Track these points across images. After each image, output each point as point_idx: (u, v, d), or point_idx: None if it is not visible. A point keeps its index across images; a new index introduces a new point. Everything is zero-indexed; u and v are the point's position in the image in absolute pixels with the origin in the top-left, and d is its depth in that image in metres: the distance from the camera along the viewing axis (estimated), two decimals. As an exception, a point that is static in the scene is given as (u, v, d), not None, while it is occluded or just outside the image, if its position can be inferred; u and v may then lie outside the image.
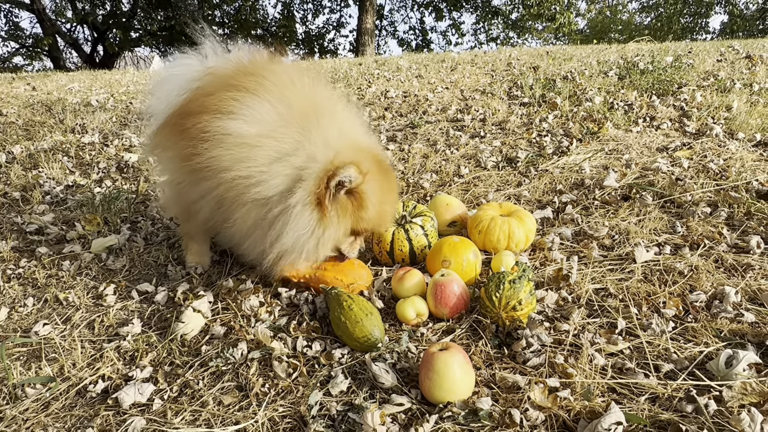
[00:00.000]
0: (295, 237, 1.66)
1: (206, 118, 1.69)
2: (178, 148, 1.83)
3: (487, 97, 4.45)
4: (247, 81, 1.74)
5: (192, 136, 1.73)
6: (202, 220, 1.93)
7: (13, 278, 2.21)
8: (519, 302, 1.58)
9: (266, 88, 1.73)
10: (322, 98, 1.85)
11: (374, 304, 1.76)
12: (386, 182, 1.80)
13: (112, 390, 1.52)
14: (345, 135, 1.75)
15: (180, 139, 1.80)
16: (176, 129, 1.84)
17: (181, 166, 1.84)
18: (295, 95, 1.76)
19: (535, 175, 2.81)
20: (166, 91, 1.95)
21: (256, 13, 21.73)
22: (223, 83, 1.77)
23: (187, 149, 1.75)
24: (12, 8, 19.35)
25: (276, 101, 1.71)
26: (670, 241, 2.07)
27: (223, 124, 1.66)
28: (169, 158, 1.96)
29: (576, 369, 1.41)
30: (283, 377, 1.50)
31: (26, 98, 5.79)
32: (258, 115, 1.68)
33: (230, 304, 1.86)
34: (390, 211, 1.86)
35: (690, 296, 1.71)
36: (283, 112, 1.69)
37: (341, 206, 1.69)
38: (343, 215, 1.71)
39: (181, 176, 1.89)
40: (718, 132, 3.10)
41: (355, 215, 1.73)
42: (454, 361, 1.35)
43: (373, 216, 1.75)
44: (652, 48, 6.27)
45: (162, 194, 2.73)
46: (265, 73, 1.78)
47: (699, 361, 1.43)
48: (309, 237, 1.68)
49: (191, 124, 1.74)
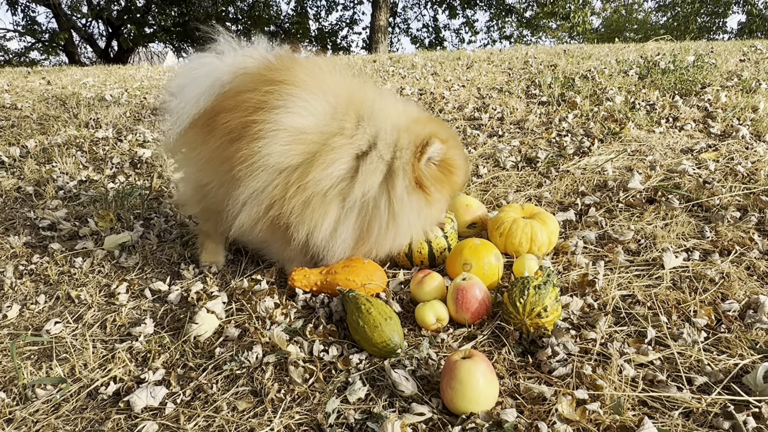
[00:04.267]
0: (407, 224, 1.75)
1: (246, 114, 1.67)
2: (207, 148, 1.80)
3: (504, 95, 4.38)
4: (286, 75, 1.71)
5: (227, 134, 1.70)
6: (229, 221, 1.85)
7: (25, 274, 2.18)
8: (544, 309, 1.52)
9: (306, 81, 1.71)
10: (358, 85, 1.87)
11: (392, 308, 1.70)
12: (458, 142, 1.88)
13: (123, 392, 1.48)
14: (401, 113, 1.80)
15: (210, 138, 1.77)
16: (206, 128, 1.80)
17: (211, 167, 1.81)
18: (335, 85, 1.77)
19: (555, 175, 2.74)
20: (191, 91, 1.89)
21: (270, 10, 21.69)
22: (259, 80, 1.74)
23: (220, 149, 1.72)
24: (29, 3, 19.49)
25: (321, 92, 1.71)
26: (698, 246, 1.99)
27: (275, 119, 1.64)
28: (194, 158, 1.92)
29: (605, 380, 1.35)
30: (299, 382, 1.45)
31: (41, 92, 5.79)
32: (309, 106, 1.67)
33: (245, 305, 1.81)
34: (469, 169, 1.93)
35: (722, 305, 1.64)
36: (333, 101, 1.71)
37: (437, 180, 1.76)
38: (442, 187, 1.78)
39: (209, 176, 1.86)
40: (745, 134, 3.01)
41: (450, 183, 1.80)
42: (478, 370, 1.29)
43: (464, 178, 1.86)
44: (673, 47, 6.16)
45: (178, 191, 2.69)
46: (298, 67, 1.77)
47: (734, 374, 1.36)
48: (419, 219, 1.78)
49: (225, 121, 1.71)
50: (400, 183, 1.70)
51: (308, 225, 1.70)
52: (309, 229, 1.72)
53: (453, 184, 1.82)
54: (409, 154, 1.70)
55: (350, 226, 1.75)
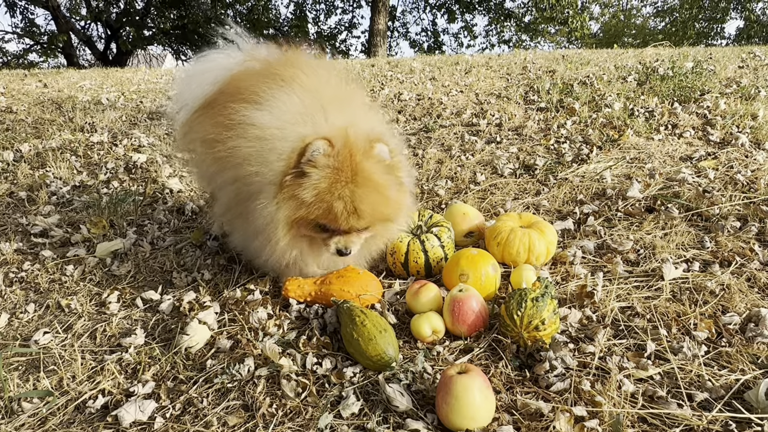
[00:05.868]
0: (257, 216, 1.60)
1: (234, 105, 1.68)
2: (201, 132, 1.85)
3: (502, 101, 4.36)
4: (283, 71, 1.73)
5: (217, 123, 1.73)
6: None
7: (15, 282, 2.15)
8: (542, 322, 1.49)
9: (294, 79, 1.71)
10: (343, 90, 1.85)
11: (387, 319, 1.67)
12: (359, 175, 1.54)
13: (112, 406, 1.44)
14: (349, 119, 1.63)
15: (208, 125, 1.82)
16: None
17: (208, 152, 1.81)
18: (320, 86, 1.74)
19: (554, 183, 2.72)
20: (199, 80, 1.94)
21: (269, 13, 21.67)
22: (258, 72, 1.78)
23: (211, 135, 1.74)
24: (28, 5, 19.44)
25: (301, 91, 1.68)
26: (698, 257, 1.97)
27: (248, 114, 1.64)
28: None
29: (604, 396, 1.32)
30: (291, 396, 1.41)
31: (37, 95, 5.76)
32: (283, 106, 1.64)
33: (237, 316, 1.78)
34: (341, 207, 1.54)
35: (723, 318, 1.61)
36: (308, 102, 1.66)
37: (300, 186, 1.53)
38: (290, 196, 1.55)
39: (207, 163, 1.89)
40: (744, 141, 2.99)
41: (298, 197, 1.55)
42: (474, 386, 1.26)
43: (312, 201, 1.53)
44: (671, 53, 6.15)
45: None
46: (296, 66, 1.78)
47: (736, 390, 1.33)
48: (263, 215, 1.59)
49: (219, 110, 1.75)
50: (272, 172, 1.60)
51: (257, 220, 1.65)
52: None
53: (299, 201, 1.58)
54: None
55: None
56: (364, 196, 1.55)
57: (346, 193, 1.53)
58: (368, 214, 1.58)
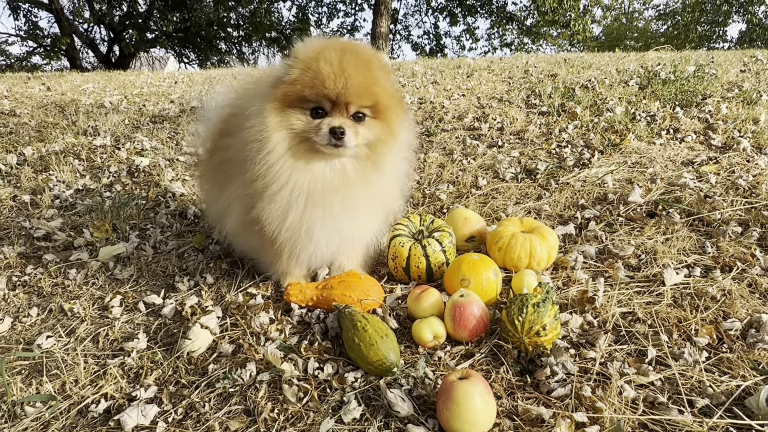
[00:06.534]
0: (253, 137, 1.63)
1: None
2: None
3: (504, 105, 4.36)
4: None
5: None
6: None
7: (18, 286, 2.16)
8: (543, 327, 1.49)
9: None
10: None
11: (389, 324, 1.68)
12: (348, 51, 1.59)
13: (114, 410, 1.45)
14: None
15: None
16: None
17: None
18: None
19: (555, 188, 2.72)
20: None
21: (271, 16, 21.71)
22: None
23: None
24: (32, 8, 19.53)
25: None
26: (699, 262, 1.97)
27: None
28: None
29: (604, 402, 1.32)
30: (293, 401, 1.42)
31: (40, 98, 5.79)
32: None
33: (239, 321, 1.78)
34: (329, 69, 1.54)
35: (724, 323, 1.61)
36: None
37: (286, 76, 1.59)
38: (277, 93, 1.60)
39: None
40: (746, 146, 2.99)
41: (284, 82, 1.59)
42: (475, 391, 1.27)
43: (298, 77, 1.56)
44: (673, 57, 6.16)
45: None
46: None
47: (736, 396, 1.33)
48: (257, 131, 1.61)
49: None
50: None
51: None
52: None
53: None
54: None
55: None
56: (353, 64, 1.56)
57: (333, 57, 1.55)
58: (358, 85, 1.56)
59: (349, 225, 1.79)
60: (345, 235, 1.84)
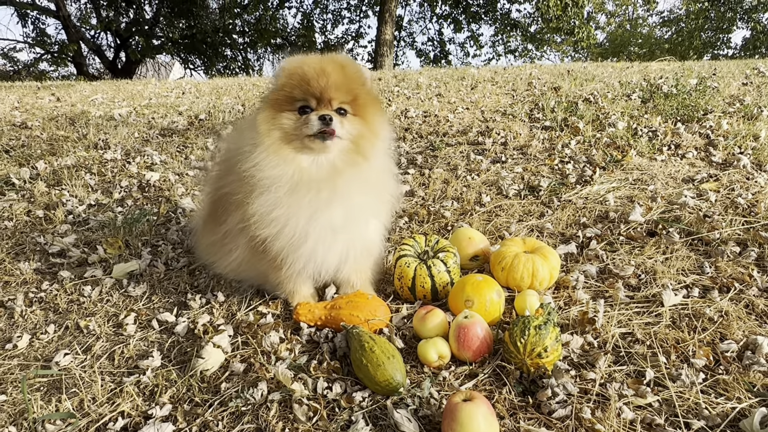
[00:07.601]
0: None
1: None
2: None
3: (508, 119, 4.42)
4: None
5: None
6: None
7: (35, 302, 2.22)
8: (544, 349, 1.54)
9: None
10: None
11: (395, 344, 1.73)
12: (330, 60, 1.81)
13: (131, 428, 1.51)
14: None
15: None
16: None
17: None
18: None
19: (558, 205, 2.77)
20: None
21: (276, 23, 21.88)
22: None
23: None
24: (39, 15, 19.72)
25: None
26: (698, 282, 2.02)
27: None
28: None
29: (603, 424, 1.37)
30: (303, 420, 1.48)
31: (50, 110, 5.88)
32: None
33: (250, 340, 1.84)
34: (311, 70, 1.75)
35: (720, 345, 1.66)
36: None
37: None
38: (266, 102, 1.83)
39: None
40: (746, 163, 3.04)
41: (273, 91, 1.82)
42: (479, 413, 1.32)
43: (285, 82, 1.77)
44: (675, 68, 6.20)
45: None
46: None
47: (732, 418, 1.38)
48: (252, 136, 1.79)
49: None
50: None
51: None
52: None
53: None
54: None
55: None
56: (332, 66, 1.76)
57: (315, 62, 1.77)
58: (339, 82, 1.75)
59: (342, 219, 1.83)
60: (340, 233, 1.87)
